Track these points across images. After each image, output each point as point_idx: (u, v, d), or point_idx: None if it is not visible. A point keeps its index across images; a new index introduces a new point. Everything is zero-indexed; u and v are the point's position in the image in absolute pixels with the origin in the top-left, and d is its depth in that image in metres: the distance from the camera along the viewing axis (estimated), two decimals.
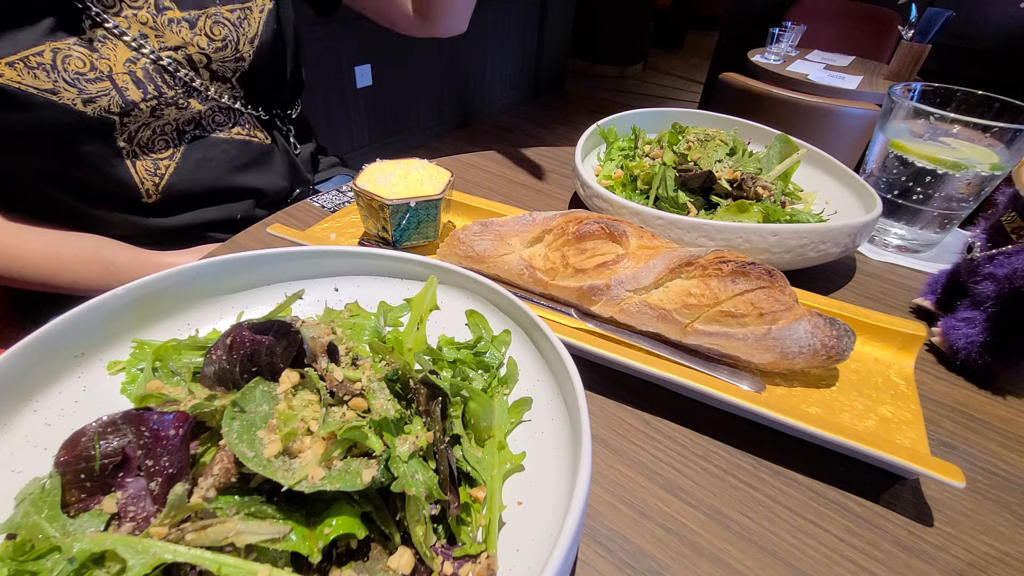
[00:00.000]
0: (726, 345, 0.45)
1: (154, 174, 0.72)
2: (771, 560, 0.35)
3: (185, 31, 0.69)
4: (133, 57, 0.66)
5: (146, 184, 0.71)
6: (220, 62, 0.73)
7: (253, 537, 0.24)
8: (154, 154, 0.71)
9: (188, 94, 0.71)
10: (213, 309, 0.42)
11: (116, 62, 0.64)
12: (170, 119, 0.71)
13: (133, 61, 0.66)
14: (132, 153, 0.69)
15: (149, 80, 0.67)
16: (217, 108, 0.76)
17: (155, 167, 0.72)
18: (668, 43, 6.00)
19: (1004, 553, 0.36)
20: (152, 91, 0.67)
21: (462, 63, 3.48)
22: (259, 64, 0.77)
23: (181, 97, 0.70)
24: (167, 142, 0.72)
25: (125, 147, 0.68)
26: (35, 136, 0.63)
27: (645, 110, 0.83)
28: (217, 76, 0.74)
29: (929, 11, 1.98)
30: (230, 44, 0.73)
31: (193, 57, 0.70)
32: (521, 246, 0.53)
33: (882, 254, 0.70)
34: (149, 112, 0.68)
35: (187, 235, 0.76)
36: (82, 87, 0.62)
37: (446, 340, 0.41)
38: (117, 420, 0.27)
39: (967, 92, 0.68)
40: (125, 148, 0.68)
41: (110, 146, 0.67)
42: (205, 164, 0.76)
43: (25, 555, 0.24)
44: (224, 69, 0.74)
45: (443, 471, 0.29)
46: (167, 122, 0.71)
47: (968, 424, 0.46)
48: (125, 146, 0.68)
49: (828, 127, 1.55)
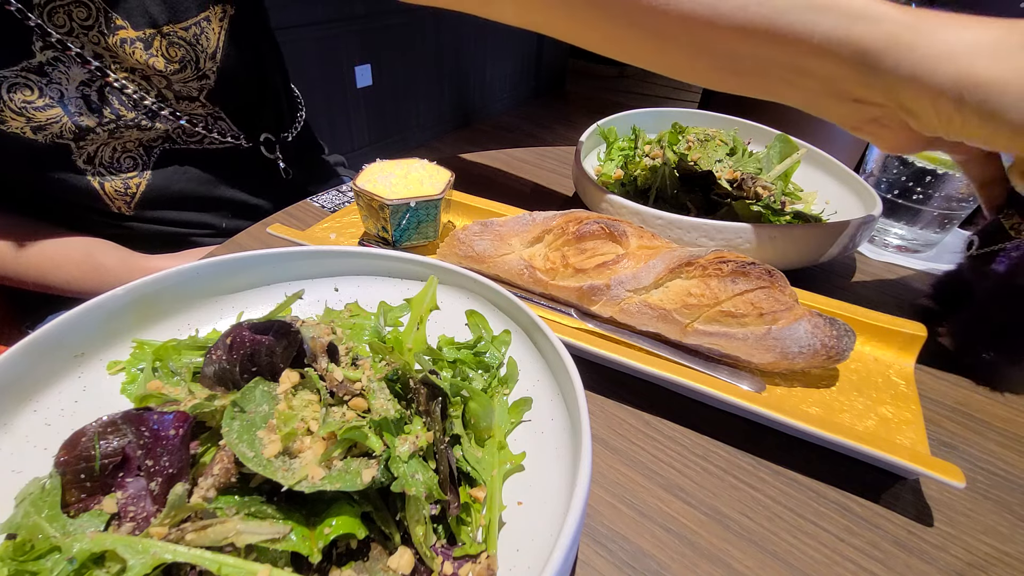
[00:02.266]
0: (726, 345, 0.45)
1: (124, 193, 0.69)
2: (771, 560, 0.35)
3: (140, 52, 0.63)
4: (88, 79, 0.61)
5: (117, 202, 0.69)
6: (182, 83, 0.68)
7: (253, 537, 0.24)
8: (122, 173, 0.68)
9: (151, 116, 0.67)
10: (213, 309, 0.42)
11: (69, 85, 0.61)
12: (132, 139, 0.67)
13: (88, 83, 0.61)
14: (96, 172, 0.66)
15: (105, 104, 0.63)
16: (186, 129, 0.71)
17: (124, 186, 0.68)
18: None
19: (1004, 553, 0.36)
20: (109, 114, 0.63)
21: (462, 63, 3.48)
22: (225, 80, 0.71)
23: (144, 118, 0.66)
24: (134, 160, 0.68)
25: (87, 167, 0.65)
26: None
27: (645, 110, 0.83)
28: (182, 96, 0.69)
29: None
30: (189, 65, 0.67)
31: (152, 79, 0.66)
32: (521, 246, 0.53)
33: (882, 254, 0.70)
34: (107, 135, 0.64)
35: (173, 240, 0.76)
36: (30, 115, 0.59)
37: (446, 340, 0.41)
38: (117, 420, 0.27)
39: None
40: (87, 168, 0.65)
41: (70, 167, 0.64)
42: (180, 177, 0.72)
43: (25, 555, 0.24)
44: (188, 89, 0.69)
45: (443, 471, 0.29)
46: (128, 141, 0.67)
47: (968, 424, 0.46)
48: (86, 167, 0.65)
49: (828, 127, 1.54)
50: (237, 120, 0.76)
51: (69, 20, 0.59)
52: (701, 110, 0.84)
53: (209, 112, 0.72)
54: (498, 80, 3.89)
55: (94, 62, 0.61)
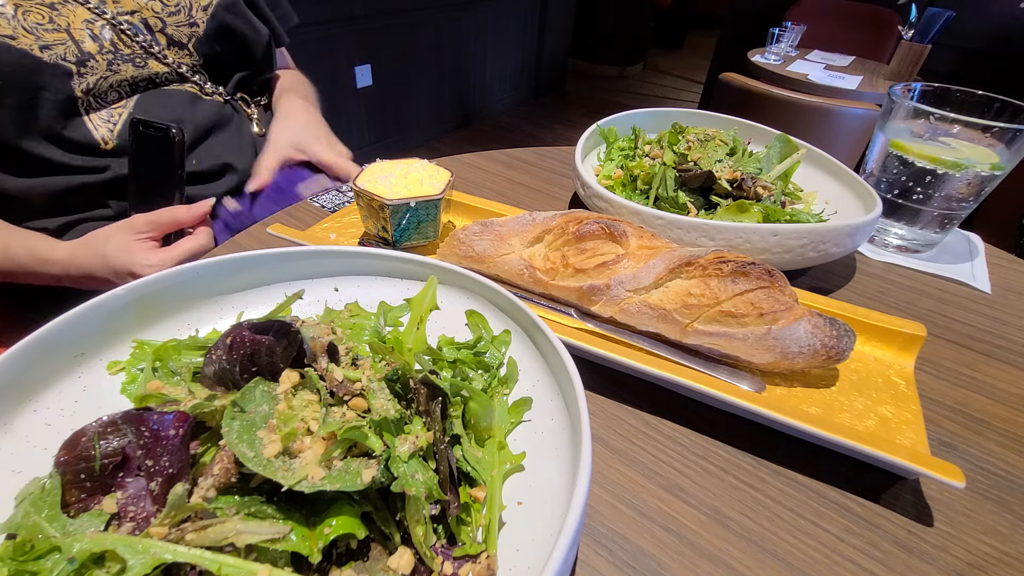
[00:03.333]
0: (726, 345, 0.45)
1: (108, 121, 0.74)
2: (771, 560, 0.35)
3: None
4: (91, 19, 0.70)
5: (100, 131, 0.73)
6: (175, 26, 0.77)
7: (253, 537, 0.24)
8: (108, 105, 0.74)
9: (146, 55, 0.75)
10: (213, 309, 0.42)
11: (74, 21, 0.69)
12: (127, 75, 0.74)
13: (91, 22, 0.70)
14: (87, 104, 0.72)
15: (106, 38, 0.71)
16: (174, 72, 0.78)
17: (108, 115, 0.74)
18: (668, 43, 6.00)
19: (1004, 553, 0.36)
20: (108, 46, 0.71)
21: (462, 63, 3.48)
22: (214, 33, 0.80)
23: (139, 56, 0.74)
24: (120, 94, 0.75)
25: (82, 97, 0.71)
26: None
27: (645, 110, 0.83)
28: (173, 41, 0.78)
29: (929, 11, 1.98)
30: (183, 9, 0.77)
31: (148, 21, 0.75)
32: (521, 246, 0.53)
33: (882, 254, 0.70)
34: (106, 65, 0.71)
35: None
36: (39, 35, 0.66)
37: (446, 340, 0.41)
38: (117, 420, 0.27)
39: (967, 92, 0.68)
40: (82, 98, 0.71)
41: (68, 94, 0.70)
42: (158, 107, 0.77)
43: (25, 555, 0.24)
44: (179, 34, 0.78)
45: (443, 471, 0.29)
46: (124, 78, 0.74)
47: (968, 424, 0.46)
48: (82, 96, 0.71)
49: (828, 127, 1.55)
50: (216, 75, 0.84)
51: None
52: (701, 110, 0.84)
53: (195, 62, 0.81)
54: (498, 80, 3.89)
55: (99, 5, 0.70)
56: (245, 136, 0.86)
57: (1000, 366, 0.52)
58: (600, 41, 4.87)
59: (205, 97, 0.82)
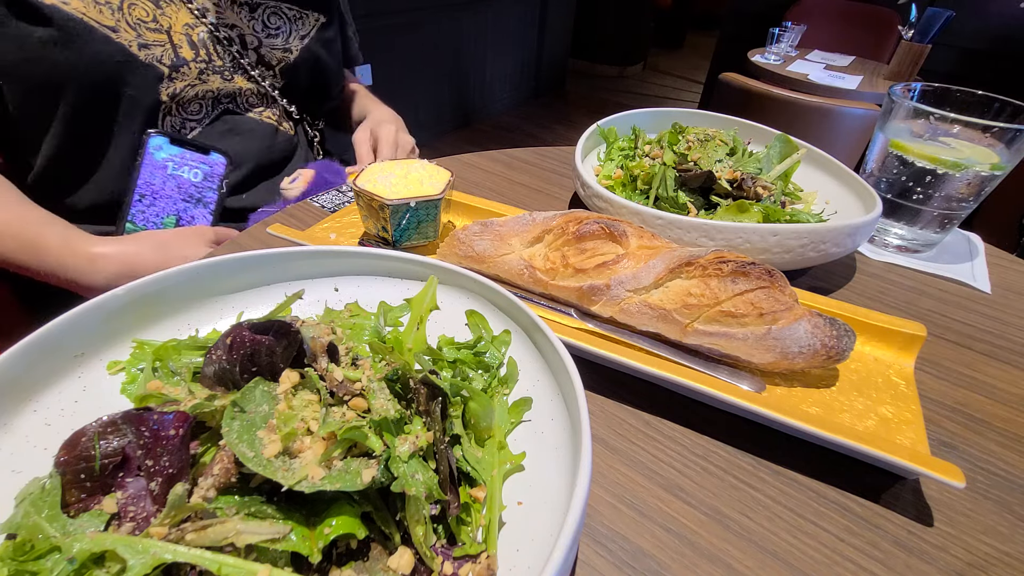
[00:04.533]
0: (726, 345, 0.45)
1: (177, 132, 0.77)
2: (771, 560, 0.35)
3: (245, 13, 0.77)
4: (192, 23, 0.72)
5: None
6: (269, 48, 0.81)
7: (253, 537, 0.24)
8: (185, 114, 0.76)
9: (235, 69, 0.78)
10: (213, 309, 0.42)
11: (176, 23, 0.71)
12: (213, 87, 0.77)
13: (191, 26, 0.72)
14: (169, 109, 0.74)
15: (203, 45, 0.73)
16: (256, 91, 0.82)
17: (181, 125, 0.76)
18: (668, 43, 6.00)
19: (1004, 553, 0.36)
20: (203, 55, 0.74)
21: (462, 63, 3.47)
22: (303, 63, 0.85)
23: (228, 70, 0.77)
24: (201, 106, 0.77)
25: (166, 102, 0.73)
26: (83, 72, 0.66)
27: (645, 110, 0.83)
28: (263, 61, 0.81)
29: (929, 11, 1.98)
30: (282, 34, 0.81)
31: (246, 38, 0.78)
32: (521, 246, 0.53)
33: (882, 254, 0.70)
34: (196, 74, 0.74)
35: None
36: (140, 32, 0.68)
37: (446, 340, 0.41)
38: (117, 420, 0.27)
39: (967, 92, 0.68)
40: (166, 103, 0.73)
41: (154, 98, 0.72)
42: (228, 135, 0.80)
43: (25, 555, 0.24)
44: (271, 56, 0.82)
45: (443, 471, 0.29)
46: (209, 89, 0.76)
47: (968, 424, 0.46)
48: (166, 101, 0.73)
49: (828, 127, 1.55)
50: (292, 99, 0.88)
51: None
52: (701, 110, 0.84)
53: (276, 84, 0.85)
54: (498, 80, 3.89)
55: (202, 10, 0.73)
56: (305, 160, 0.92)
57: (1000, 366, 0.52)
58: (600, 41, 4.87)
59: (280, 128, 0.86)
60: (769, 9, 3.06)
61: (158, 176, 0.74)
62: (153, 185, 0.74)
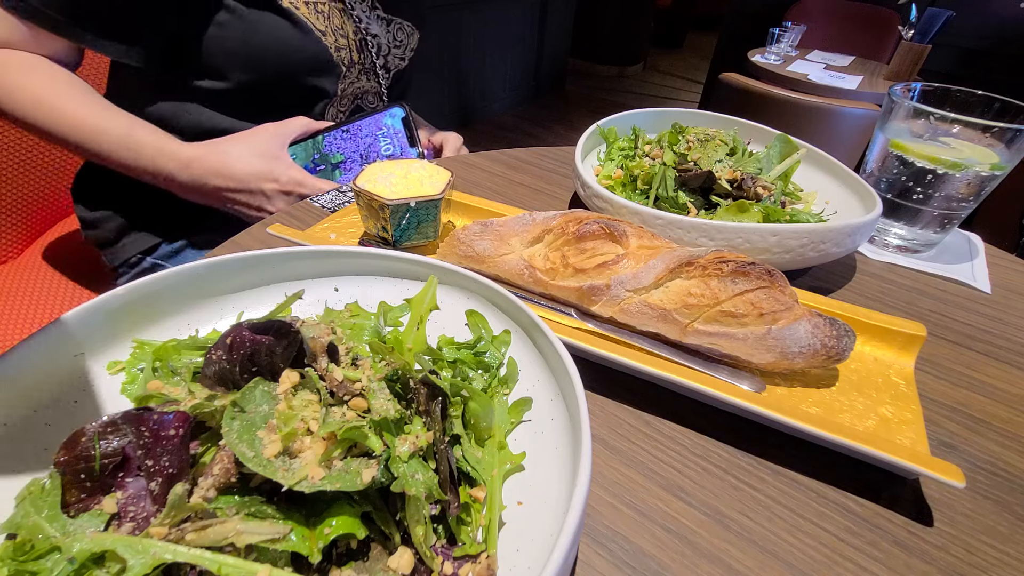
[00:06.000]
0: (726, 345, 0.45)
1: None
2: (771, 560, 0.35)
3: (383, 27, 0.92)
4: (356, 30, 0.87)
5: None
6: (394, 57, 0.97)
7: (253, 537, 0.24)
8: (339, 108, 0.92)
9: (373, 71, 0.93)
10: (213, 309, 0.42)
11: (348, 30, 0.86)
12: (360, 86, 0.92)
13: (355, 33, 0.87)
14: (335, 102, 0.89)
15: (361, 50, 0.88)
16: (372, 91, 0.97)
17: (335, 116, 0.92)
18: (668, 43, 6.00)
19: (1004, 553, 0.36)
20: (363, 59, 0.89)
21: (462, 63, 3.47)
22: (409, 67, 1.03)
23: (369, 72, 0.92)
24: (349, 101, 0.93)
25: (336, 98, 0.88)
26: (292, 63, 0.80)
27: (645, 110, 0.83)
28: (386, 66, 0.96)
29: (929, 11, 1.98)
30: (405, 47, 0.98)
31: (382, 46, 0.93)
32: (521, 246, 0.53)
33: (882, 254, 0.70)
34: (356, 74, 0.89)
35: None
36: (336, 37, 0.83)
37: (446, 340, 0.41)
38: (117, 420, 0.27)
39: (967, 92, 0.68)
40: (336, 99, 0.89)
41: (333, 90, 0.87)
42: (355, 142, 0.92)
43: (25, 555, 0.24)
44: (392, 63, 0.97)
45: (443, 471, 0.29)
46: (359, 87, 0.92)
47: (968, 424, 0.46)
48: (336, 97, 0.88)
49: (828, 127, 1.55)
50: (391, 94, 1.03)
51: None
52: (701, 110, 0.84)
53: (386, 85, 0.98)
54: (498, 80, 3.89)
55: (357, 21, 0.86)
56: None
57: (1000, 366, 0.52)
58: (600, 41, 4.87)
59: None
60: (769, 9, 3.06)
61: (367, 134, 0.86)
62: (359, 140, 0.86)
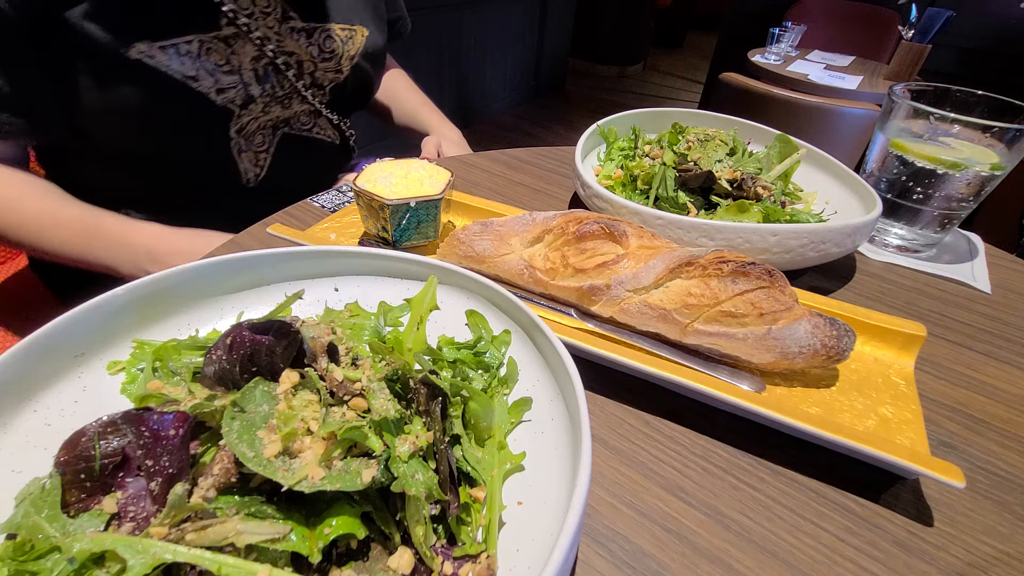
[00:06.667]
0: (726, 345, 0.45)
1: (255, 165, 0.80)
2: (771, 560, 0.35)
3: (303, 40, 0.78)
4: (258, 55, 0.73)
5: (248, 174, 0.80)
6: (323, 71, 0.83)
7: (253, 537, 0.24)
8: (254, 147, 0.80)
9: (292, 95, 0.80)
10: (213, 309, 0.42)
11: (244, 59, 0.72)
12: (272, 116, 0.79)
13: (257, 59, 0.73)
14: (238, 144, 0.77)
15: (267, 79, 0.75)
16: (306, 111, 0.84)
17: (255, 158, 0.80)
18: (668, 43, 6.00)
19: (1004, 553, 0.36)
20: (268, 88, 0.75)
21: (462, 63, 3.47)
22: (350, 80, 0.88)
23: (287, 97, 0.79)
24: (263, 137, 0.80)
25: (235, 138, 0.76)
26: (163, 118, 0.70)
27: (645, 110, 0.83)
28: (316, 83, 0.83)
29: (929, 11, 1.98)
30: (336, 57, 0.83)
31: (303, 63, 0.79)
32: (521, 246, 0.53)
33: (882, 254, 0.70)
34: (262, 107, 0.76)
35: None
36: (217, 77, 0.69)
37: (446, 340, 0.41)
38: (117, 420, 0.27)
39: (966, 92, 0.68)
40: (234, 139, 0.76)
41: (223, 135, 0.74)
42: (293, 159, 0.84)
43: (25, 555, 0.24)
44: (324, 78, 0.84)
45: (443, 471, 0.29)
46: (270, 118, 0.79)
47: (968, 424, 0.46)
48: (235, 137, 0.76)
49: (828, 127, 1.55)
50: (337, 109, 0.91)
51: (252, 4, 0.71)
52: (701, 110, 0.84)
53: (325, 100, 0.87)
54: (498, 80, 3.89)
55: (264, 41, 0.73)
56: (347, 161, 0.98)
57: (1000, 366, 0.52)
58: (600, 41, 4.87)
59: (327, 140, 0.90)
60: (769, 9, 3.06)
61: None
62: None
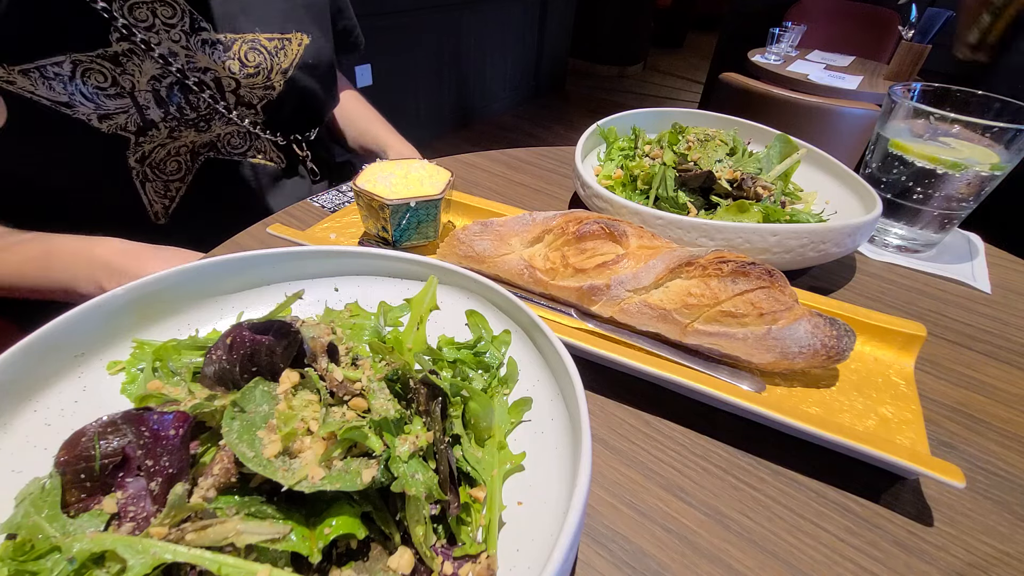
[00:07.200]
0: (726, 345, 0.45)
1: (164, 196, 0.70)
2: (771, 560, 0.35)
3: (219, 53, 0.67)
4: (159, 74, 0.63)
5: (155, 207, 0.69)
6: (249, 88, 0.72)
7: (253, 537, 0.24)
8: (165, 176, 0.69)
9: (210, 117, 0.69)
10: (213, 309, 0.42)
11: (140, 78, 0.62)
12: (187, 141, 0.69)
13: (159, 78, 0.63)
14: (143, 174, 0.67)
15: (172, 100, 0.65)
16: (236, 132, 0.74)
17: (165, 189, 0.70)
18: (668, 43, 6.00)
19: (1004, 553, 0.36)
20: (174, 111, 0.65)
21: (462, 63, 3.47)
22: (287, 95, 0.76)
23: (202, 120, 0.69)
24: (179, 164, 0.70)
25: (136, 167, 0.66)
26: (46, 149, 0.61)
27: (645, 110, 0.83)
28: (243, 101, 0.73)
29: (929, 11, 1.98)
30: (262, 72, 0.72)
31: (222, 80, 0.69)
32: (521, 246, 0.53)
33: (882, 254, 0.70)
34: (167, 133, 0.66)
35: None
36: (100, 102, 0.60)
37: (446, 340, 0.41)
38: (117, 420, 0.27)
39: (967, 92, 0.68)
40: (136, 168, 0.66)
41: (120, 165, 0.65)
42: (221, 187, 0.74)
43: (25, 555, 0.24)
44: (251, 95, 0.73)
45: (443, 471, 0.29)
46: (183, 144, 0.69)
47: (968, 424, 0.46)
48: (136, 166, 0.66)
49: (828, 127, 1.55)
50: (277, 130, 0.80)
51: (152, 16, 0.61)
52: (701, 110, 0.84)
53: (258, 120, 0.76)
54: (498, 80, 3.89)
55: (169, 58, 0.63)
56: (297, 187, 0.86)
57: (1000, 366, 0.52)
58: (600, 41, 4.87)
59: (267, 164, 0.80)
60: (769, 9, 3.06)
61: None
62: None
